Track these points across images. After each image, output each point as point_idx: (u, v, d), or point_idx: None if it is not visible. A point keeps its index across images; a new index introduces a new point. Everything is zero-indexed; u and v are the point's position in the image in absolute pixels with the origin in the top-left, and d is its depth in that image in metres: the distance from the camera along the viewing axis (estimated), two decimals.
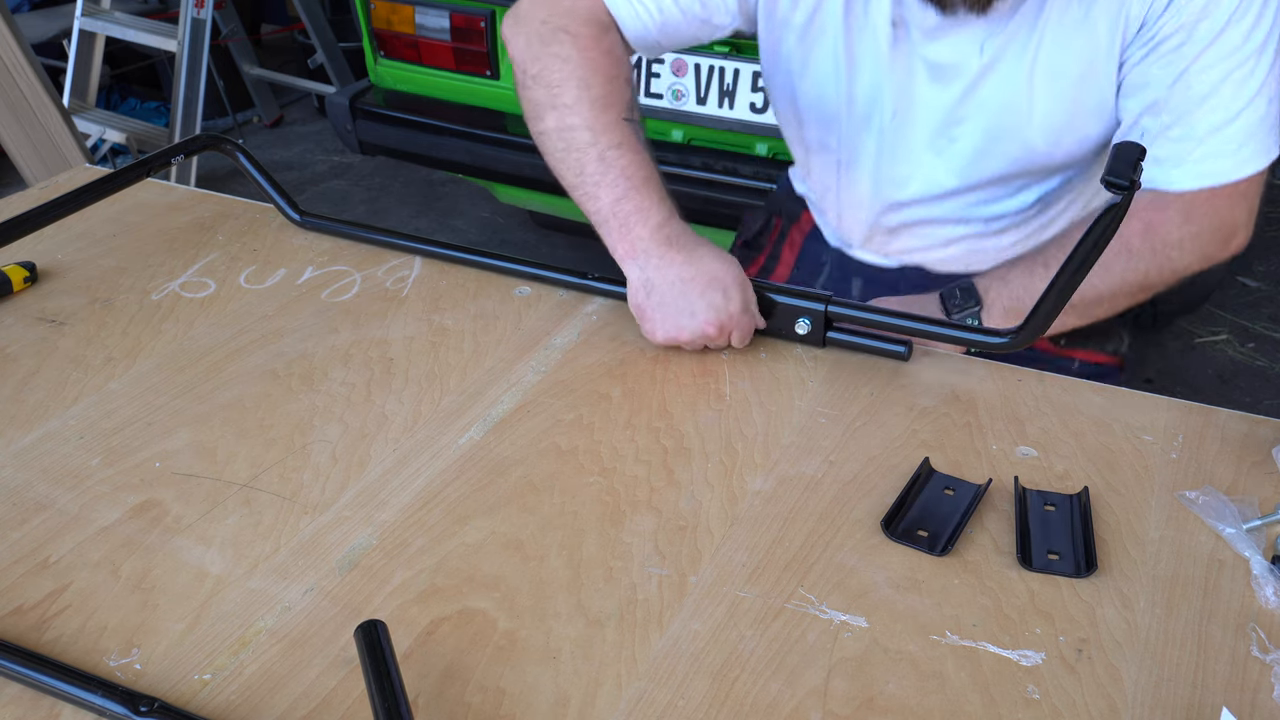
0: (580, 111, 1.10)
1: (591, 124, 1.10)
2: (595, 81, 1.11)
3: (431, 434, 0.99)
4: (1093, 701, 0.73)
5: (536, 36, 1.13)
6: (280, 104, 4.45)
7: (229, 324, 1.16)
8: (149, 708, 0.70)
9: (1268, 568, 0.82)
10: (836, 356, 1.10)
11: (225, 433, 0.99)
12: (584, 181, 1.11)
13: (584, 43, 1.11)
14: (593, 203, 1.11)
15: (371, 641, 0.71)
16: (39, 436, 0.99)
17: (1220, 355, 2.82)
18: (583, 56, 1.11)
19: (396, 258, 1.28)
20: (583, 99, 1.10)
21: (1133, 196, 0.84)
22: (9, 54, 3.02)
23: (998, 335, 1.03)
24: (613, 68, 1.12)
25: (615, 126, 1.10)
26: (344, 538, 0.87)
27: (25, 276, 1.22)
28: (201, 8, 3.48)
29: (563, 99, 1.11)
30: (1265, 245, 3.28)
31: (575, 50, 1.11)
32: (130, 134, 3.63)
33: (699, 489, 0.92)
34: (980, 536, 0.87)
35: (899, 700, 0.73)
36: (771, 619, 0.79)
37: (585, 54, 1.11)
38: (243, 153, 1.39)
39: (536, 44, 1.13)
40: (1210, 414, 1.01)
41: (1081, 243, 0.89)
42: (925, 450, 0.96)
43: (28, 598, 0.82)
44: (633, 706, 0.73)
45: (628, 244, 1.10)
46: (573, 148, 1.11)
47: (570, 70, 1.11)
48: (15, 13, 3.90)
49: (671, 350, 1.11)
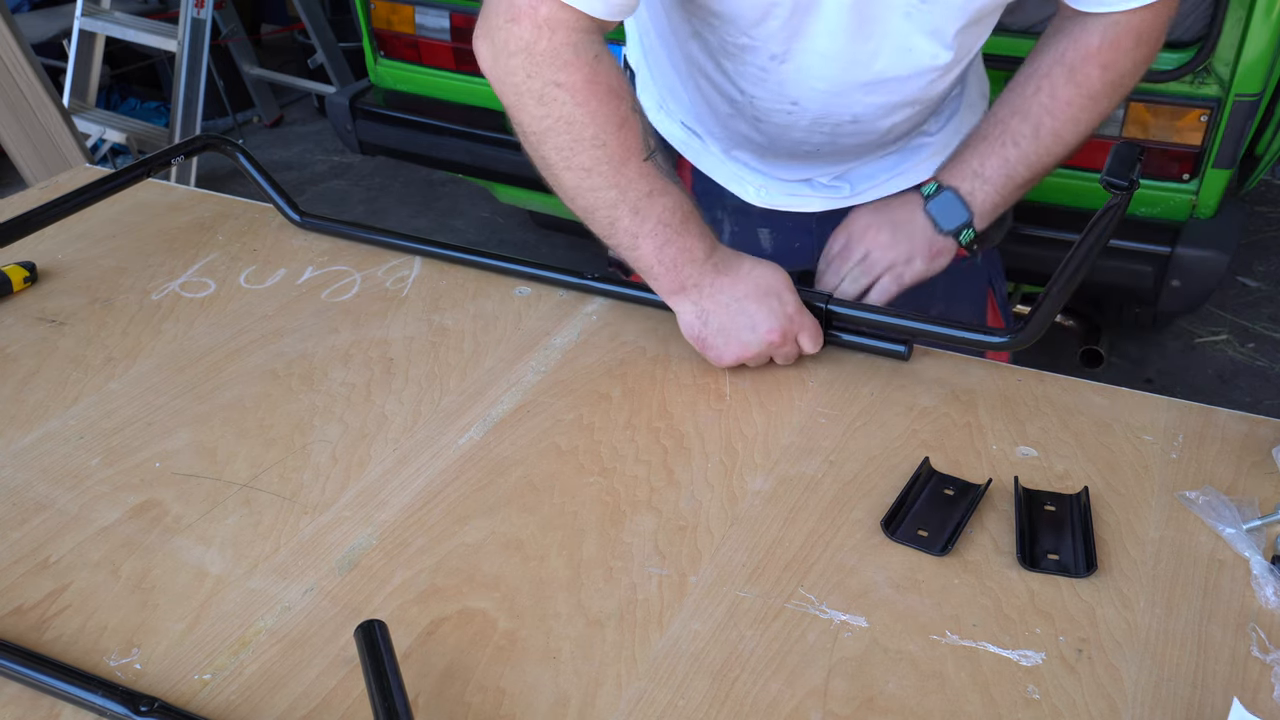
0: (600, 172, 1.03)
1: (616, 182, 1.03)
2: (608, 136, 1.02)
3: (431, 434, 0.99)
4: (1093, 701, 0.73)
5: (529, 95, 1.02)
6: (280, 104, 4.45)
7: (229, 324, 1.16)
8: (149, 708, 0.70)
9: (1268, 568, 0.82)
10: (836, 356, 1.10)
11: (225, 433, 0.99)
12: (617, 233, 1.06)
13: (581, 94, 1.01)
14: (632, 252, 1.07)
15: (371, 641, 0.71)
16: (39, 436, 0.99)
17: (1220, 355, 2.82)
18: (585, 111, 1.01)
19: (396, 258, 1.28)
20: (600, 159, 1.03)
21: (1131, 196, 0.84)
22: (9, 54, 3.02)
23: (999, 335, 1.04)
24: (618, 109, 1.02)
25: (640, 177, 1.04)
26: (344, 538, 0.87)
27: (25, 276, 1.22)
28: (201, 8, 3.48)
29: (578, 162, 1.03)
30: (1265, 245, 3.28)
31: (575, 106, 1.01)
32: (130, 134, 3.63)
33: (699, 489, 0.92)
34: (980, 536, 0.87)
35: (899, 700, 0.73)
36: (771, 619, 0.79)
37: (586, 107, 1.01)
38: (242, 153, 1.39)
39: (532, 104, 1.03)
40: (1210, 414, 1.01)
41: (1082, 241, 0.89)
42: (925, 450, 0.96)
43: (28, 598, 0.82)
44: (633, 706, 0.73)
45: (676, 283, 1.07)
46: (599, 206, 1.06)
47: (578, 132, 1.02)
48: (15, 13, 3.90)
49: (671, 350, 1.11)
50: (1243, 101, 1.89)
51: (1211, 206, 2.01)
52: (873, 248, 1.19)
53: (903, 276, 1.19)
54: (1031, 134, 1.13)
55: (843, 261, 1.21)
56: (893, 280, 1.19)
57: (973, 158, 1.17)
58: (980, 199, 1.16)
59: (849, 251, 1.20)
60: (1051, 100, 1.12)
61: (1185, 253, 1.99)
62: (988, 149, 1.16)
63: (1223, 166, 1.96)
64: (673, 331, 1.13)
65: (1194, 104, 1.91)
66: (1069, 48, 1.11)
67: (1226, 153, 1.94)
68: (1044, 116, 1.13)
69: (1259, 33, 1.82)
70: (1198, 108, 1.92)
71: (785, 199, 1.34)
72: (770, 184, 1.34)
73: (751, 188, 1.35)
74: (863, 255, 1.19)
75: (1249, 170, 2.40)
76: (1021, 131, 1.14)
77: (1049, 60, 1.13)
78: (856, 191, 1.33)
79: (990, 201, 1.16)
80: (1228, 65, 1.87)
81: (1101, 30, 1.09)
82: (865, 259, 1.19)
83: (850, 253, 1.20)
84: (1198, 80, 1.89)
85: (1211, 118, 1.92)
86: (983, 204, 1.16)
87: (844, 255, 1.21)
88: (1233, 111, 1.90)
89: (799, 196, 1.34)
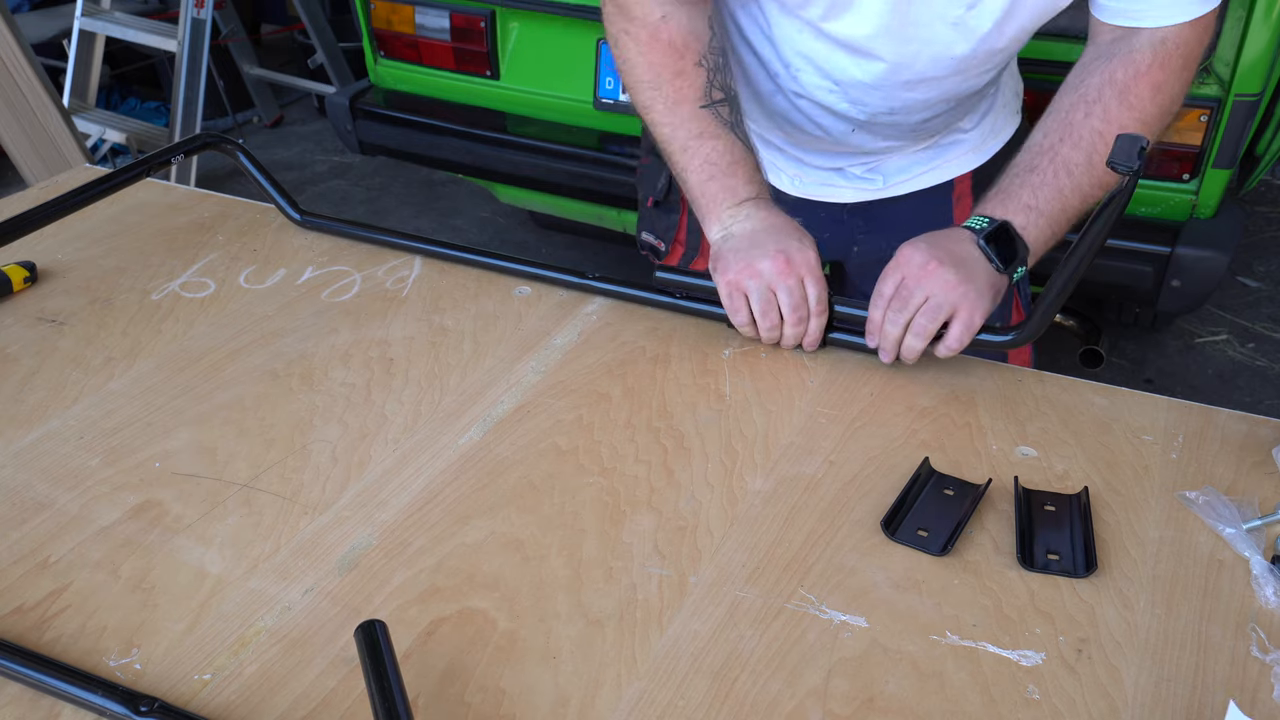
0: (656, 110, 1.17)
1: (669, 120, 1.16)
2: (663, 82, 1.15)
3: (431, 434, 0.99)
4: (1093, 701, 0.73)
5: (611, 37, 1.19)
6: (280, 104, 4.45)
7: (229, 324, 1.16)
8: (149, 708, 0.70)
9: (1268, 568, 0.82)
10: (836, 356, 1.10)
11: (225, 433, 0.99)
12: (672, 162, 1.18)
13: (644, 45, 1.15)
14: (683, 183, 1.17)
15: (371, 641, 0.71)
16: (39, 436, 0.99)
17: (1220, 355, 2.82)
18: (645, 60, 1.16)
19: (396, 258, 1.28)
20: (655, 99, 1.16)
21: (1136, 183, 0.85)
22: (9, 54, 3.02)
23: (1000, 334, 1.04)
24: (676, 62, 1.14)
25: (693, 118, 1.15)
26: (344, 538, 0.87)
27: (25, 276, 1.22)
28: (201, 8, 3.48)
29: (640, 100, 1.18)
30: (1265, 245, 3.28)
31: (637, 54, 1.16)
32: (130, 134, 3.63)
33: (699, 489, 0.92)
34: (980, 536, 0.87)
35: (899, 700, 0.73)
36: (771, 619, 0.79)
37: (646, 57, 1.16)
38: (243, 152, 1.39)
39: (612, 43, 1.19)
40: (1210, 414, 1.01)
41: (1088, 230, 0.90)
42: (925, 450, 0.96)
43: (28, 598, 0.82)
44: (633, 706, 0.73)
45: (714, 214, 1.14)
46: (659, 137, 1.18)
47: (639, 75, 1.17)
48: (15, 13, 3.90)
49: (672, 350, 1.11)
50: (1243, 101, 1.89)
51: (1211, 206, 2.01)
52: (935, 290, 1.02)
53: (973, 322, 1.03)
54: (1085, 162, 1.08)
55: (902, 306, 1.04)
56: (964, 329, 1.02)
57: (1024, 190, 1.09)
58: (1034, 234, 1.08)
59: (907, 294, 1.03)
60: (1105, 125, 1.07)
61: (1185, 253, 1.99)
62: (1039, 180, 1.08)
63: (1223, 166, 1.96)
64: (673, 331, 1.13)
65: (1194, 104, 1.91)
66: (1118, 68, 1.08)
67: (1226, 153, 1.94)
68: (1098, 143, 1.07)
69: (1259, 33, 1.82)
70: (1198, 108, 1.92)
71: (818, 188, 1.36)
72: (804, 172, 1.35)
73: (786, 176, 1.37)
74: (924, 298, 1.02)
75: (1249, 170, 2.40)
76: (1074, 160, 1.08)
77: (1097, 83, 1.08)
78: (890, 184, 1.34)
79: (1044, 236, 1.09)
80: (1228, 65, 1.87)
81: (1151, 49, 1.07)
82: (928, 302, 1.02)
83: (909, 296, 1.03)
84: (1198, 80, 1.89)
85: (1211, 118, 1.92)
86: (1036, 239, 1.08)
87: (902, 299, 1.04)
88: (1233, 111, 1.90)
89: (832, 186, 1.35)
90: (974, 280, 1.03)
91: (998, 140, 1.36)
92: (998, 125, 1.35)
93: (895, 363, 1.07)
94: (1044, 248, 1.10)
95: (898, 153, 1.32)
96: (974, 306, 1.02)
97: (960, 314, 1.02)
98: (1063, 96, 1.12)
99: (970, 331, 1.03)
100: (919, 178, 1.34)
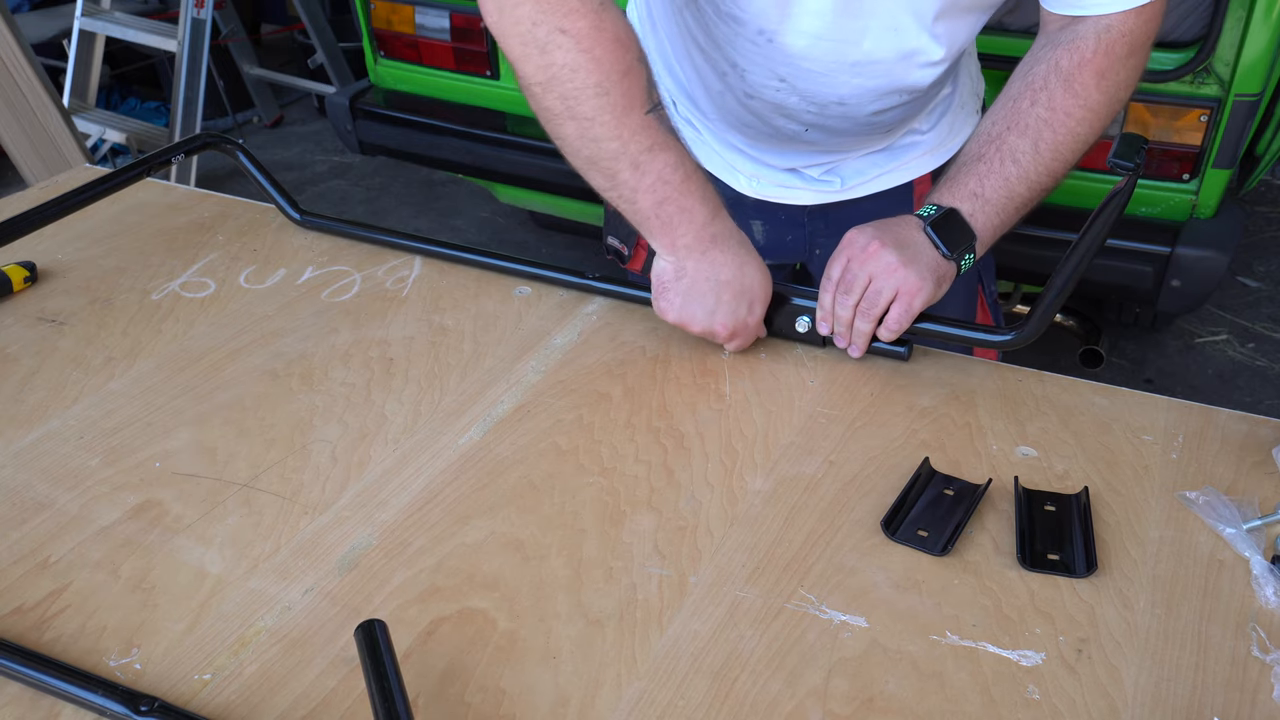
0: (603, 121, 1.03)
1: (618, 133, 1.03)
2: (611, 84, 1.02)
3: (431, 434, 0.99)
4: (1093, 701, 0.73)
5: (533, 43, 1.03)
6: (280, 104, 4.45)
7: (229, 324, 1.16)
8: (149, 708, 0.70)
9: (1268, 568, 0.82)
10: (836, 356, 1.10)
11: (225, 433, 0.99)
12: (618, 186, 1.06)
13: (585, 41, 1.01)
14: (630, 205, 1.07)
15: (371, 641, 0.71)
16: (39, 436, 0.99)
17: (1220, 355, 2.82)
18: (589, 59, 1.01)
19: (396, 258, 1.28)
20: (603, 108, 1.02)
21: (1137, 181, 0.85)
22: (9, 54, 3.02)
23: (1000, 334, 1.04)
24: (623, 58, 1.02)
25: (643, 129, 1.04)
26: (344, 538, 0.87)
27: (25, 276, 1.22)
28: (201, 8, 3.48)
29: (581, 111, 1.03)
30: (1265, 245, 3.28)
31: (579, 53, 1.01)
32: (130, 134, 3.63)
33: (699, 489, 0.92)
34: (980, 536, 0.87)
35: (899, 700, 0.73)
36: (771, 619, 0.79)
37: (590, 54, 1.01)
38: (243, 152, 1.39)
39: (535, 53, 1.03)
40: (1210, 414, 1.01)
41: (1088, 229, 0.90)
42: (925, 450, 0.96)
43: (28, 598, 0.82)
44: (633, 706, 0.73)
45: (669, 241, 1.07)
46: (600, 158, 1.05)
47: (581, 79, 1.02)
48: (15, 13, 3.90)
49: (671, 350, 1.11)
50: (1243, 101, 1.89)
51: (1211, 206, 2.01)
52: (877, 271, 1.06)
53: (912, 305, 1.06)
54: (1031, 149, 1.09)
55: (848, 289, 1.08)
56: (903, 312, 1.06)
57: (970, 178, 1.11)
58: (982, 221, 1.10)
59: (851, 278, 1.07)
60: (1050, 113, 1.09)
61: (1185, 253, 1.99)
62: (986, 168, 1.10)
63: (1222, 166, 1.96)
64: (673, 331, 1.13)
65: (1194, 104, 1.91)
66: (1064, 56, 1.09)
67: (1226, 153, 1.94)
68: (1043, 130, 1.09)
69: (1259, 33, 1.82)
70: (1198, 108, 1.92)
71: (776, 190, 1.34)
72: (762, 172, 1.34)
73: (743, 177, 1.34)
74: (867, 279, 1.07)
75: (1249, 170, 2.40)
76: (1020, 148, 1.09)
77: (1043, 71, 1.10)
78: (847, 186, 1.33)
79: (992, 224, 1.10)
80: (1228, 65, 1.87)
81: (1095, 36, 1.08)
82: (870, 285, 1.07)
83: (854, 279, 1.07)
84: (1198, 80, 1.89)
85: (1211, 118, 1.92)
86: (984, 226, 1.10)
87: (847, 283, 1.08)
88: (1233, 111, 1.90)
89: (789, 188, 1.34)
90: (916, 263, 1.06)
91: (956, 141, 1.34)
92: (956, 126, 1.34)
93: (895, 363, 1.07)
94: (993, 236, 1.11)
95: (855, 154, 1.31)
96: (915, 289, 1.05)
97: (901, 296, 1.05)
98: (1011, 85, 1.14)
99: (909, 314, 1.06)
100: (877, 179, 1.33)
